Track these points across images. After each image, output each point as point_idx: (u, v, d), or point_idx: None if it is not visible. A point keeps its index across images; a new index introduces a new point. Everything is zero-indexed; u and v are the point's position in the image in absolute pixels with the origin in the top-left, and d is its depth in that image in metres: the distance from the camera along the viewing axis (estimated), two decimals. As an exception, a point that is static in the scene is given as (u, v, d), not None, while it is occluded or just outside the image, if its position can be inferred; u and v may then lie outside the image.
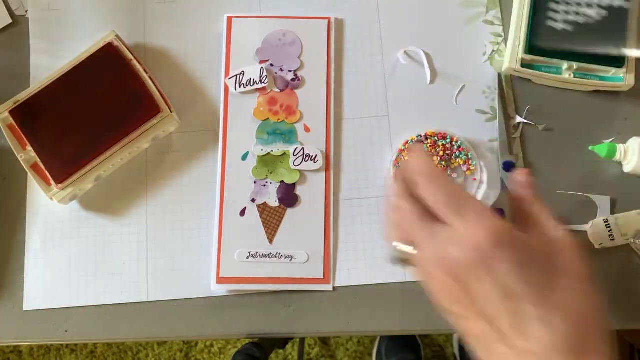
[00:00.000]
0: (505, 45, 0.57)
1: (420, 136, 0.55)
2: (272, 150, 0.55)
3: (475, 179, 0.54)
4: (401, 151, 0.55)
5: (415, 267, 0.39)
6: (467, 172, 0.54)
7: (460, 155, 0.54)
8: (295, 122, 0.56)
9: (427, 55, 0.57)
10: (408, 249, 0.38)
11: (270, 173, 0.55)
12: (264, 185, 0.55)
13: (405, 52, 0.57)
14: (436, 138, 0.54)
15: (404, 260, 0.39)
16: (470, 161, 0.54)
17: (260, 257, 0.53)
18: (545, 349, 0.32)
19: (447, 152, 0.54)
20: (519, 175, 0.41)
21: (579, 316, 0.33)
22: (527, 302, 0.33)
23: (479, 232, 0.33)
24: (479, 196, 0.54)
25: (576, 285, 0.34)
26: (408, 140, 0.55)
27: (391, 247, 0.39)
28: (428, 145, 0.54)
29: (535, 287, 0.33)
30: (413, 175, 0.38)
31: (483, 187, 0.54)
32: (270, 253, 0.53)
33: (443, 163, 0.54)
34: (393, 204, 0.39)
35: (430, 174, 0.37)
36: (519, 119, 0.56)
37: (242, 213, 0.54)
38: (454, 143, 0.54)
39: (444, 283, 0.35)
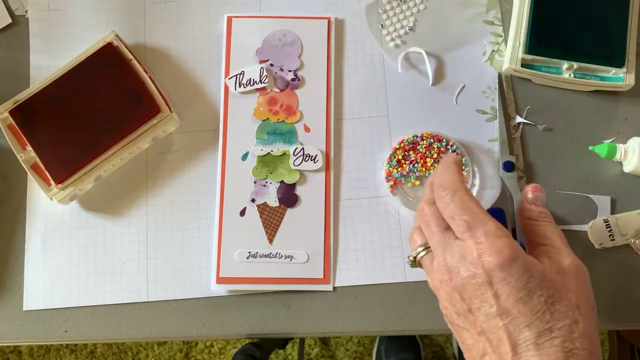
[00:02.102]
0: (505, 45, 0.57)
1: (417, 136, 0.55)
2: (272, 150, 0.55)
3: (467, 182, 0.54)
4: (396, 150, 0.55)
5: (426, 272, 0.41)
6: None
7: None
8: (295, 122, 0.56)
9: (427, 55, 0.57)
10: (422, 254, 0.40)
11: (270, 173, 0.55)
12: (264, 185, 0.55)
13: (405, 52, 0.57)
14: (432, 140, 0.54)
15: (419, 263, 0.41)
16: (463, 166, 0.54)
17: (260, 257, 0.53)
18: None
19: (442, 154, 0.54)
20: (529, 193, 0.41)
21: (571, 345, 0.34)
22: (522, 325, 0.34)
23: (487, 253, 0.35)
24: None
25: (576, 315, 0.35)
26: (403, 140, 0.55)
27: (411, 248, 0.41)
28: (423, 147, 0.54)
29: (533, 312, 0.34)
30: (435, 187, 0.39)
31: (475, 190, 0.54)
32: (270, 253, 0.53)
33: (436, 165, 0.54)
34: (419, 208, 0.41)
35: (450, 188, 0.38)
36: (519, 119, 0.56)
37: (242, 213, 0.54)
38: (449, 147, 0.54)
39: (449, 294, 0.37)
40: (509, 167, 0.54)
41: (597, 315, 0.36)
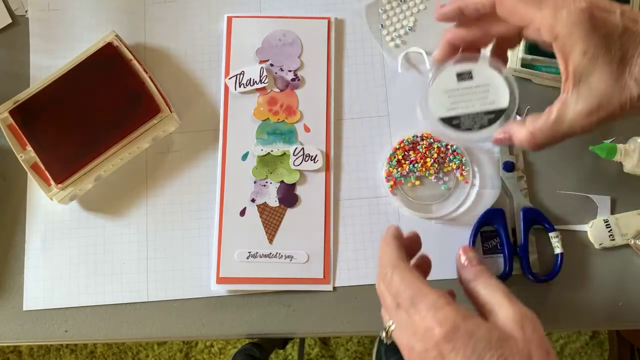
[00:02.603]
0: (505, 45, 0.57)
1: (417, 136, 0.55)
2: (272, 150, 0.55)
3: (467, 182, 0.54)
4: (396, 150, 0.55)
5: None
6: (459, 177, 0.54)
7: (454, 160, 0.54)
8: (295, 122, 0.56)
9: (427, 55, 0.57)
10: (392, 328, 0.40)
11: (270, 173, 0.55)
12: (264, 185, 0.55)
13: (405, 52, 0.57)
14: (432, 140, 0.54)
15: (390, 337, 0.41)
16: (463, 166, 0.54)
17: (260, 257, 0.53)
18: None
19: (442, 154, 0.54)
20: (461, 257, 0.42)
21: None
22: None
23: (431, 326, 0.36)
24: (471, 199, 0.54)
25: None
26: (403, 140, 0.55)
27: (384, 323, 0.42)
28: (423, 147, 0.54)
29: None
30: (379, 266, 0.41)
31: (475, 189, 0.54)
32: (270, 253, 0.53)
33: (436, 165, 0.54)
34: (377, 284, 0.42)
35: (389, 265, 0.40)
36: (519, 119, 0.56)
37: (242, 213, 0.54)
38: (449, 146, 0.54)
39: None
40: (509, 167, 0.54)
41: (557, 357, 0.36)
